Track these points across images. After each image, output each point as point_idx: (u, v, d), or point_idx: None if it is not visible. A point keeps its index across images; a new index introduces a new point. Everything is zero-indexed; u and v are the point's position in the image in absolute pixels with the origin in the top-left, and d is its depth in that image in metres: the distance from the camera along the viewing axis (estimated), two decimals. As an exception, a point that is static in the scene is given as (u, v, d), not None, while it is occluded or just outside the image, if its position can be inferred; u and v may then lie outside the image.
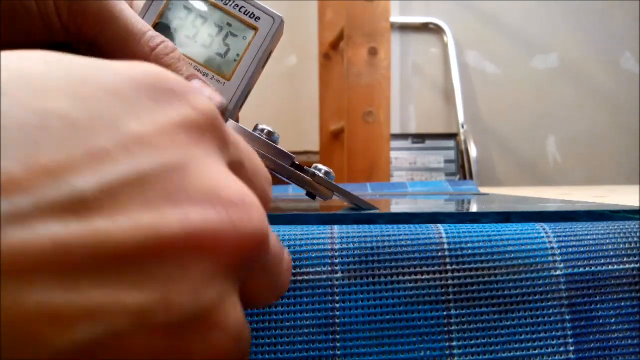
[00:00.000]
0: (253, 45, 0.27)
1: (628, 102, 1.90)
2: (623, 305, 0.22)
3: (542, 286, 0.22)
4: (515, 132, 1.88)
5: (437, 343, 0.21)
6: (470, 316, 0.21)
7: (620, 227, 0.23)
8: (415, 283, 0.21)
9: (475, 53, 1.88)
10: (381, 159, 1.14)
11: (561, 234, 0.23)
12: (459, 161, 1.74)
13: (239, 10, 0.28)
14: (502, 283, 0.22)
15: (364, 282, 0.21)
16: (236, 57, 0.27)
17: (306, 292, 0.21)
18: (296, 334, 0.21)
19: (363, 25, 1.14)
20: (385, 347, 0.21)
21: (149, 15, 0.27)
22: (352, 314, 0.21)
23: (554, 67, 1.89)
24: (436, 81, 1.88)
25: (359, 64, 1.14)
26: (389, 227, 0.23)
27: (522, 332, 0.21)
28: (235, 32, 0.28)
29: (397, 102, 1.81)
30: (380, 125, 1.14)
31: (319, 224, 0.24)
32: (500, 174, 1.88)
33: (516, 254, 0.22)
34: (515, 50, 1.88)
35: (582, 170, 1.90)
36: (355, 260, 0.22)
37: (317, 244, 0.22)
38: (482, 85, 1.88)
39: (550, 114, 1.89)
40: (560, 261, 0.22)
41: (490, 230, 0.23)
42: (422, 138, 1.76)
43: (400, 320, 0.21)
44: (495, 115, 1.88)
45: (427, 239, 0.22)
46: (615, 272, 0.22)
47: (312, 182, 0.28)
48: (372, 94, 1.14)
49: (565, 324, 0.21)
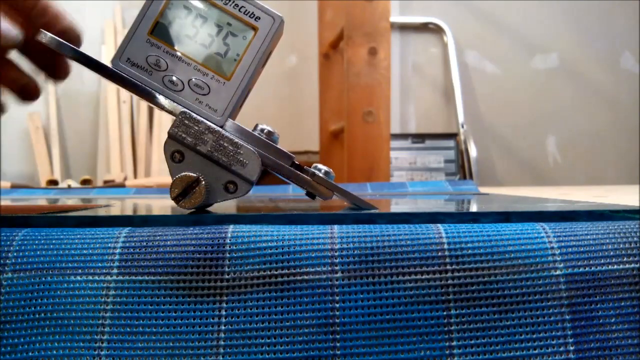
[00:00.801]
0: (253, 45, 0.27)
1: (628, 102, 1.90)
2: (623, 305, 0.22)
3: (542, 286, 0.22)
4: (515, 132, 1.88)
5: (437, 343, 0.21)
6: (470, 316, 0.21)
7: (620, 227, 0.23)
8: (415, 283, 0.21)
9: (475, 53, 1.88)
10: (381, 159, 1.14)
11: (561, 234, 0.23)
12: (459, 161, 1.74)
13: (239, 10, 0.28)
14: (502, 283, 0.22)
15: (364, 282, 0.21)
16: (236, 57, 0.27)
17: (306, 292, 0.21)
18: (296, 334, 0.21)
19: (363, 25, 1.14)
20: (385, 347, 0.21)
21: (149, 15, 0.27)
22: (352, 314, 0.21)
23: (554, 67, 1.89)
24: (436, 81, 1.88)
25: (359, 64, 1.14)
26: (389, 227, 0.23)
27: (522, 332, 0.21)
28: (235, 32, 0.28)
29: (397, 102, 1.81)
30: (380, 125, 1.14)
31: (319, 224, 0.24)
32: (500, 174, 1.88)
33: (516, 254, 0.22)
34: (515, 50, 1.88)
35: (582, 170, 1.90)
36: (355, 260, 0.22)
37: (317, 244, 0.22)
38: (482, 85, 1.88)
39: (550, 114, 1.89)
40: (560, 261, 0.22)
41: (490, 230, 0.23)
42: (422, 138, 1.76)
43: (400, 320, 0.21)
44: (495, 115, 1.87)
45: (427, 239, 0.22)
46: (615, 272, 0.22)
47: (311, 182, 0.28)
48: (372, 94, 1.14)
49: (565, 324, 0.21)
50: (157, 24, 0.27)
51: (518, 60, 1.88)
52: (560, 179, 1.89)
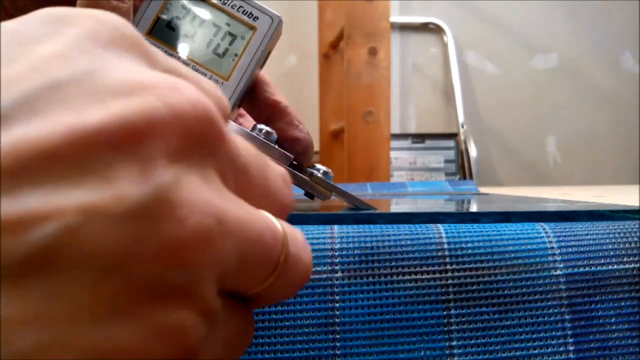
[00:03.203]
0: (251, 45, 0.27)
1: (628, 102, 1.90)
2: (623, 305, 0.22)
3: (542, 286, 0.22)
4: (515, 132, 1.88)
5: (437, 343, 0.21)
6: (470, 316, 0.21)
7: (620, 227, 0.23)
8: (415, 283, 0.21)
9: (475, 53, 1.88)
10: (381, 159, 1.14)
11: (561, 234, 0.23)
12: (459, 161, 1.74)
13: (238, 10, 0.27)
14: (502, 283, 0.22)
15: (364, 282, 0.21)
16: (234, 57, 0.27)
17: (306, 292, 0.21)
18: (296, 333, 0.21)
19: (363, 25, 1.14)
20: (385, 347, 0.21)
21: (147, 15, 0.27)
22: (352, 313, 0.21)
23: (554, 67, 1.89)
24: (436, 81, 1.88)
25: (359, 64, 1.14)
26: (389, 227, 0.23)
27: (522, 332, 0.21)
28: (234, 32, 0.28)
29: (397, 102, 1.81)
30: (380, 125, 1.14)
31: (319, 224, 0.24)
32: (500, 174, 1.88)
33: (516, 254, 0.22)
34: (515, 50, 1.88)
35: (582, 170, 1.90)
36: (355, 260, 0.22)
37: (317, 244, 0.22)
38: (482, 85, 1.88)
39: (550, 114, 1.89)
40: (560, 261, 0.22)
41: (490, 230, 0.23)
42: (422, 138, 1.76)
43: (400, 320, 0.21)
44: (495, 115, 1.88)
45: (427, 239, 0.22)
46: (615, 272, 0.22)
47: (310, 182, 0.28)
48: (372, 94, 1.14)
49: (565, 323, 0.21)
50: (156, 24, 0.27)
51: (518, 60, 1.88)
52: (560, 179, 1.89)
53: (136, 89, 0.11)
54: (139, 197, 0.10)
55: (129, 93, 0.10)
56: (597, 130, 1.90)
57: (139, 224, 0.10)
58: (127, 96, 0.10)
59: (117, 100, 0.10)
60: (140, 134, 0.10)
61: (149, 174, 0.10)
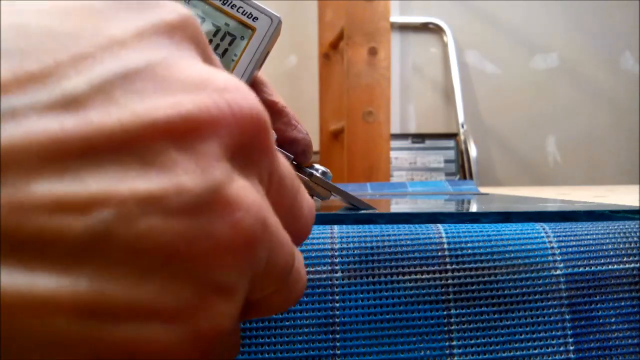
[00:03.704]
0: (251, 46, 0.27)
1: (628, 102, 1.90)
2: (623, 305, 0.22)
3: (542, 286, 0.22)
4: (515, 132, 1.88)
5: (437, 343, 0.21)
6: (470, 316, 0.21)
7: (620, 227, 0.23)
8: (415, 283, 0.21)
9: (475, 53, 1.88)
10: (381, 159, 1.14)
11: (561, 234, 0.23)
12: (459, 161, 1.74)
13: (237, 11, 0.28)
14: (502, 283, 0.22)
15: (364, 282, 0.21)
16: (234, 58, 0.27)
17: (306, 292, 0.21)
18: (296, 333, 0.21)
19: (363, 25, 1.14)
20: (385, 347, 0.21)
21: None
22: (352, 313, 0.21)
23: (554, 67, 1.89)
24: (436, 81, 1.88)
25: (359, 64, 1.14)
26: (389, 227, 0.23)
27: (522, 332, 0.21)
28: (233, 32, 0.28)
29: (397, 102, 1.81)
30: (380, 125, 1.14)
31: (319, 224, 0.24)
32: (500, 174, 1.88)
33: (516, 254, 0.22)
34: (515, 50, 1.88)
35: (582, 170, 1.90)
36: (355, 260, 0.22)
37: (317, 244, 0.22)
38: (482, 85, 1.88)
39: (550, 114, 1.88)
40: (560, 261, 0.22)
41: (490, 230, 0.23)
42: (422, 138, 1.76)
43: (400, 320, 0.21)
44: (495, 115, 1.87)
45: (427, 239, 0.22)
46: (615, 272, 0.22)
47: (309, 182, 0.28)
48: (372, 94, 1.14)
49: (565, 323, 0.21)
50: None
51: (518, 60, 1.88)
52: (560, 179, 1.89)
53: (206, 86, 0.11)
54: (199, 191, 0.10)
55: (199, 89, 0.11)
56: (597, 130, 1.90)
57: (196, 218, 0.10)
58: (197, 92, 0.11)
59: (186, 94, 0.10)
60: (202, 130, 0.10)
61: (208, 169, 0.10)
